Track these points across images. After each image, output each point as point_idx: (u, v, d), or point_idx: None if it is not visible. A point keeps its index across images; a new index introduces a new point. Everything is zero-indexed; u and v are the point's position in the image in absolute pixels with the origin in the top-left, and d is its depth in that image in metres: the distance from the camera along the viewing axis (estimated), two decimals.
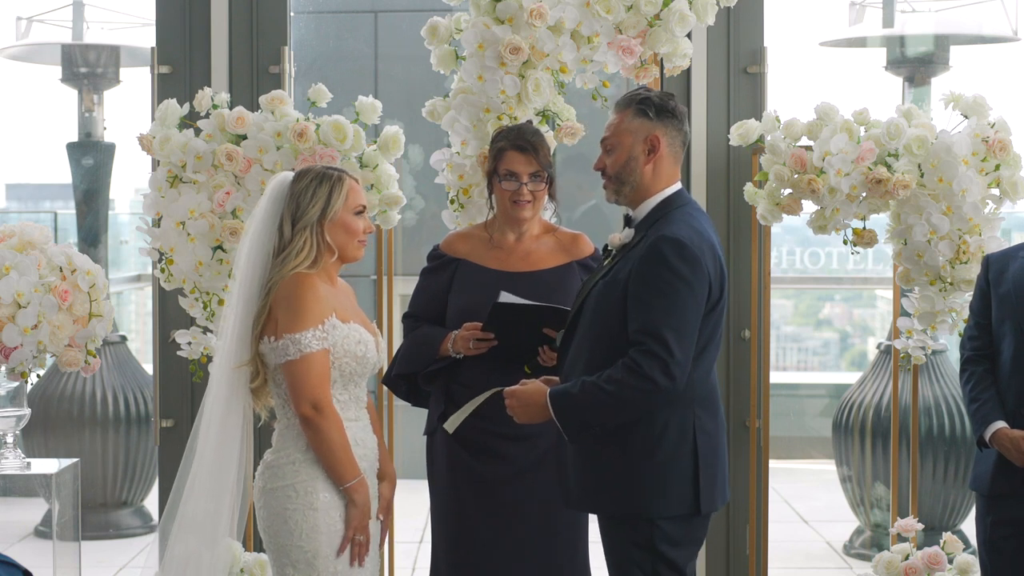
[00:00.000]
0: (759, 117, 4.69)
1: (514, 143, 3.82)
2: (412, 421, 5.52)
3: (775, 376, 5.29)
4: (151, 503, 6.76)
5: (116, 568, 6.06)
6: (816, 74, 8.09)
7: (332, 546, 3.33)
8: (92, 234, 6.86)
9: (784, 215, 4.55)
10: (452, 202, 4.35)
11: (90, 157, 6.87)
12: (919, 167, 4.38)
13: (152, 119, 4.55)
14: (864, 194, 4.43)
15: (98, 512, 6.55)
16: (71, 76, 6.86)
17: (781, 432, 7.81)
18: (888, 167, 4.38)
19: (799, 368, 10.54)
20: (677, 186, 3.33)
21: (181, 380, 5.01)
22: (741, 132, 4.62)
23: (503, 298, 3.63)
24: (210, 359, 3.74)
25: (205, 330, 4.54)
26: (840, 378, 9.66)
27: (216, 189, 4.37)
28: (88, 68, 6.84)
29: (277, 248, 3.40)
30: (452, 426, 3.60)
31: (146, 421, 6.57)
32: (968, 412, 3.92)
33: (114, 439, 6.54)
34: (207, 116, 4.41)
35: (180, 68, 5.09)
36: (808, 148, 4.44)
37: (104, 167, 6.91)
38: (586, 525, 3.88)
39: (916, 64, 6.46)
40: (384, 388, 4.35)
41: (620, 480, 3.20)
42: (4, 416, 4.41)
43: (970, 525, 4.58)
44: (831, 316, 10.65)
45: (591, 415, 3.18)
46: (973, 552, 4.48)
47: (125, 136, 6.97)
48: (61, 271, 4.31)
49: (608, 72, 4.35)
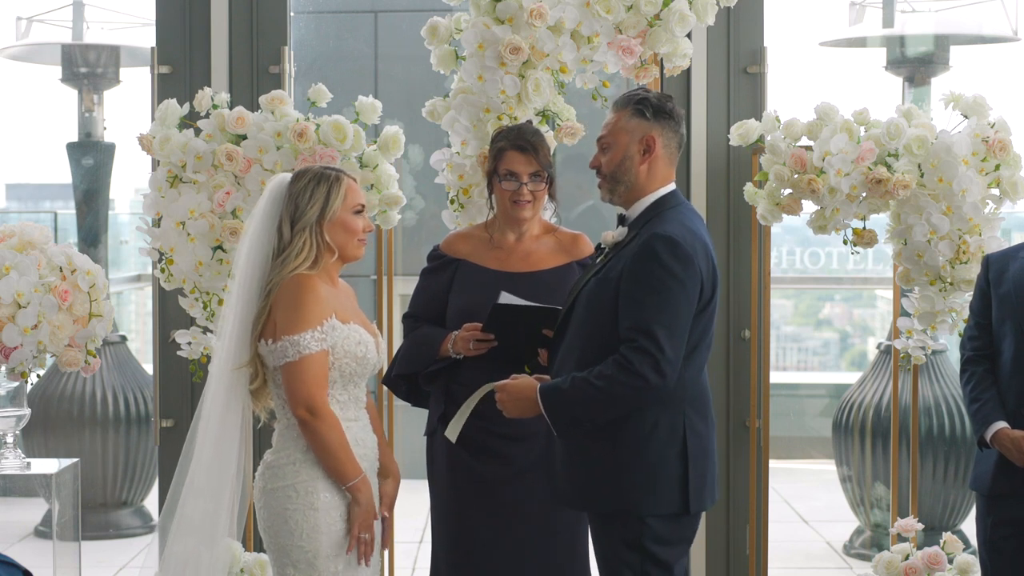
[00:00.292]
0: (759, 117, 4.69)
1: (514, 143, 3.82)
2: (412, 421, 5.51)
3: (775, 376, 5.29)
4: (151, 503, 6.76)
5: (116, 568, 6.06)
6: (816, 74, 8.09)
7: (333, 546, 3.33)
8: (92, 234, 6.86)
9: (784, 215, 4.55)
10: (452, 202, 4.35)
11: (90, 157, 6.86)
12: (919, 167, 4.38)
13: (152, 119, 4.55)
14: (864, 194, 4.43)
15: (98, 512, 6.55)
16: (71, 76, 6.86)
17: (781, 432, 7.81)
18: (888, 167, 4.38)
19: (799, 368, 10.53)
20: (671, 187, 3.34)
21: (181, 380, 5.01)
22: (741, 132, 4.62)
23: (503, 299, 3.63)
24: (210, 359, 3.74)
25: (205, 330, 4.54)
26: (840, 378, 9.65)
27: (216, 189, 4.37)
28: (88, 68, 6.84)
29: (277, 249, 3.40)
30: (453, 434, 3.59)
31: (146, 421, 6.57)
32: (968, 412, 3.92)
33: (114, 439, 6.54)
34: (207, 116, 4.41)
35: (180, 68, 5.09)
36: (808, 148, 4.44)
37: (104, 167, 6.91)
38: (586, 525, 3.87)
39: (916, 64, 6.46)
40: (384, 388, 4.35)
41: (610, 478, 3.21)
42: (4, 416, 4.41)
43: (970, 525, 4.58)
44: (831, 316, 10.64)
45: (581, 411, 3.18)
46: (973, 552, 4.48)
47: (125, 136, 6.98)
48: (61, 271, 4.31)
49: (608, 72, 4.34)
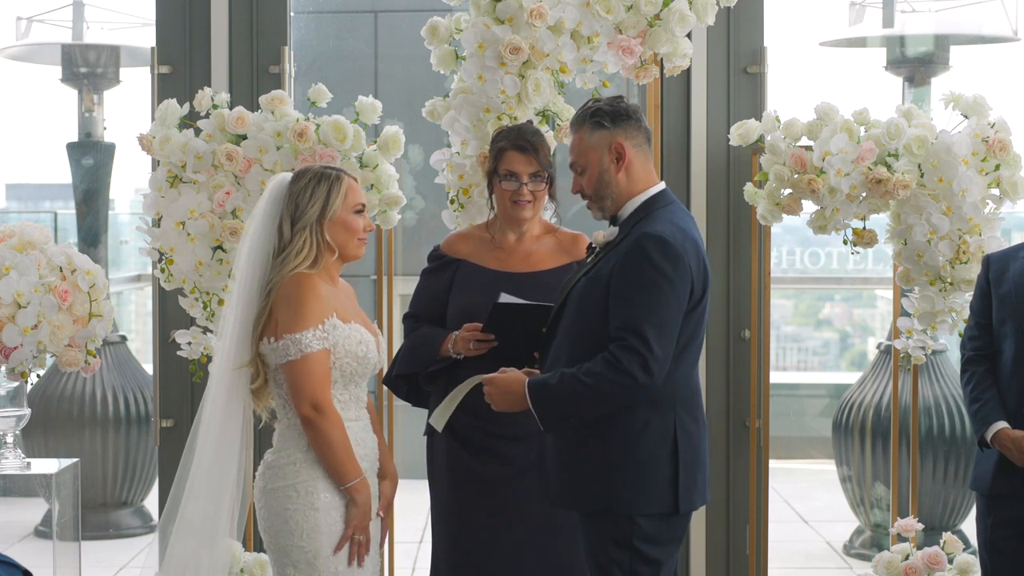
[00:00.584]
0: (759, 117, 4.69)
1: (514, 143, 3.81)
2: (412, 421, 5.52)
3: (775, 376, 5.29)
4: (151, 503, 6.76)
5: (116, 568, 6.06)
6: (816, 74, 8.10)
7: (333, 546, 3.33)
8: (92, 234, 6.86)
9: (784, 215, 4.55)
10: (452, 202, 4.35)
11: (90, 157, 6.86)
12: (919, 167, 4.37)
13: (152, 119, 4.55)
14: (864, 194, 4.43)
15: (98, 512, 6.55)
16: (71, 76, 6.86)
17: (781, 432, 7.81)
18: (888, 167, 4.38)
19: (799, 368, 10.54)
20: (661, 186, 3.33)
21: (181, 380, 5.01)
22: (741, 132, 4.62)
23: (503, 299, 3.63)
24: (210, 359, 3.74)
25: (205, 330, 4.54)
26: (840, 378, 9.66)
27: (216, 189, 4.37)
28: (88, 68, 6.84)
29: (277, 249, 3.40)
30: (440, 423, 3.59)
31: (146, 421, 6.57)
32: (969, 412, 3.92)
33: (114, 439, 6.54)
34: (207, 116, 4.41)
35: (180, 68, 5.09)
36: (808, 148, 4.44)
37: (104, 167, 6.91)
38: None
39: (916, 64, 6.46)
40: (384, 388, 4.36)
41: (600, 477, 3.21)
42: (4, 416, 4.41)
43: (970, 525, 4.58)
44: (831, 316, 10.65)
45: (568, 407, 3.18)
46: (973, 552, 4.48)
47: (125, 136, 6.98)
48: (61, 271, 4.31)
49: (608, 72, 4.34)
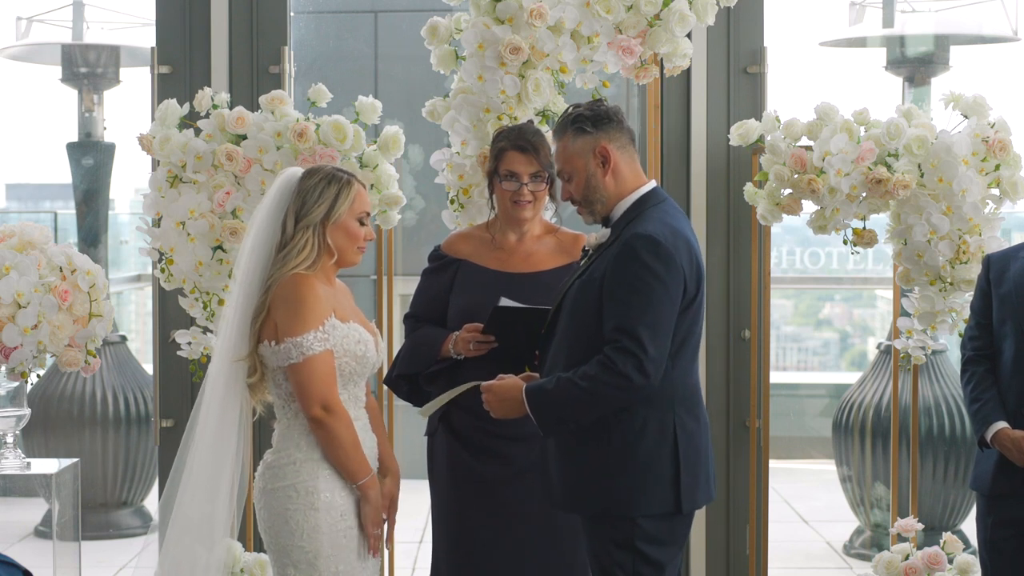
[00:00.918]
0: (759, 117, 4.69)
1: (515, 143, 3.81)
2: (412, 421, 5.51)
3: (775, 376, 5.29)
4: (151, 503, 6.76)
5: (116, 568, 6.06)
6: (816, 74, 8.09)
7: (333, 546, 3.33)
8: (92, 234, 6.86)
9: (784, 215, 4.55)
10: (452, 202, 4.35)
11: (90, 157, 6.86)
12: (919, 167, 4.38)
13: (152, 119, 4.55)
14: (864, 194, 4.43)
15: (98, 512, 6.55)
16: (71, 76, 6.85)
17: (781, 432, 7.81)
18: (888, 167, 4.38)
19: (799, 368, 10.53)
20: (651, 184, 3.33)
21: (181, 380, 5.01)
22: (741, 132, 4.62)
23: (503, 303, 3.63)
24: (210, 359, 3.74)
25: (205, 330, 4.54)
26: (840, 378, 9.65)
27: (216, 189, 4.37)
28: (88, 68, 6.84)
29: (279, 243, 3.40)
30: (427, 412, 3.61)
31: (146, 421, 6.57)
32: (969, 412, 3.92)
33: (114, 439, 6.54)
34: (207, 116, 4.41)
35: (180, 68, 5.09)
36: (808, 148, 4.44)
37: (104, 167, 6.91)
38: None
39: (916, 64, 6.46)
40: (384, 388, 4.36)
41: (601, 479, 3.21)
42: (4, 416, 4.41)
43: (970, 525, 4.58)
44: (831, 316, 10.64)
45: (566, 411, 3.19)
46: (973, 552, 4.48)
47: (125, 136, 6.98)
48: (61, 271, 4.31)
49: (608, 72, 4.34)
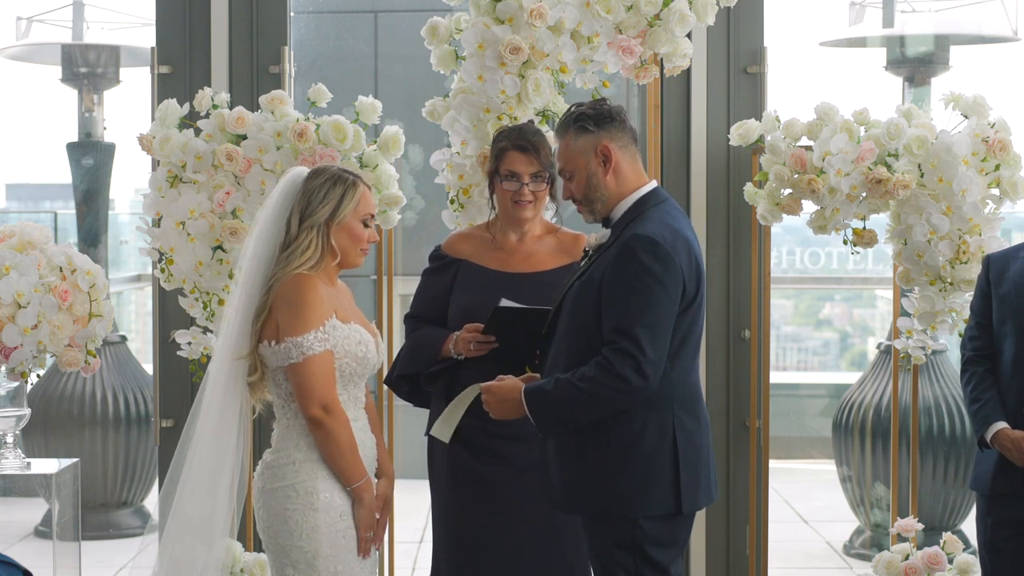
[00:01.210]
0: (759, 117, 4.69)
1: (515, 143, 3.81)
2: (412, 421, 5.51)
3: (775, 376, 5.29)
4: (151, 503, 6.76)
5: (116, 568, 6.06)
6: (816, 74, 8.09)
7: (332, 546, 3.33)
8: (92, 234, 6.86)
9: (784, 215, 4.55)
10: (452, 202, 4.35)
11: (90, 157, 6.86)
12: (919, 167, 4.38)
13: (152, 119, 4.55)
14: (864, 194, 4.43)
15: (98, 512, 6.55)
16: (71, 76, 6.85)
17: (781, 432, 7.80)
18: (888, 167, 4.38)
19: (799, 368, 10.53)
20: (652, 184, 3.33)
21: (181, 380, 5.01)
22: (741, 132, 4.62)
23: (503, 303, 3.63)
24: (210, 359, 3.74)
25: (205, 330, 4.54)
26: (840, 378, 9.65)
27: (216, 189, 4.37)
28: (88, 68, 6.83)
29: (283, 243, 3.40)
30: (444, 434, 3.59)
31: (146, 421, 6.57)
32: (969, 412, 3.92)
33: (114, 439, 6.54)
34: (207, 116, 4.41)
35: (180, 68, 5.09)
36: (808, 148, 4.44)
37: (104, 167, 6.91)
38: None
39: (916, 64, 6.46)
40: (385, 388, 4.36)
41: (601, 480, 3.21)
42: (4, 416, 4.41)
43: (970, 525, 4.58)
44: (831, 316, 10.64)
45: (565, 412, 3.18)
46: (973, 552, 4.48)
47: (125, 136, 6.98)
48: (61, 271, 4.31)
49: (608, 72, 4.34)
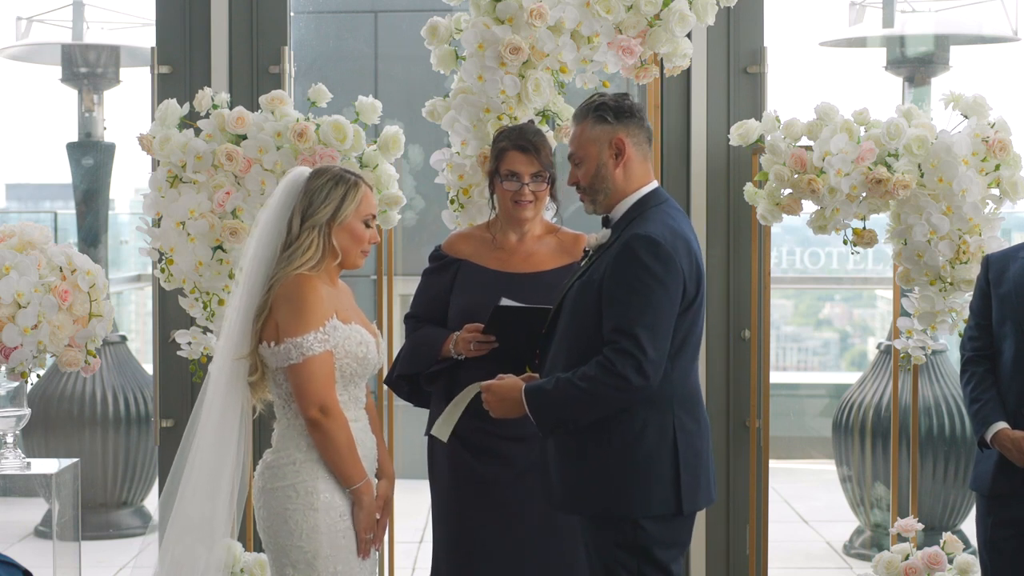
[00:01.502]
0: (759, 117, 4.69)
1: (516, 143, 3.81)
2: (412, 421, 5.51)
3: (775, 376, 5.29)
4: (151, 503, 6.76)
5: (116, 568, 6.06)
6: (816, 74, 8.09)
7: (332, 546, 3.33)
8: (92, 234, 6.86)
9: (784, 215, 4.55)
10: (452, 202, 4.35)
11: (90, 157, 6.86)
12: (919, 167, 4.38)
13: (152, 119, 4.55)
14: (864, 194, 4.43)
15: (98, 512, 6.55)
16: (71, 76, 6.85)
17: (781, 432, 7.81)
18: (888, 167, 4.38)
19: (799, 368, 10.53)
20: (653, 184, 3.33)
21: (181, 380, 5.01)
22: (741, 132, 4.62)
23: (503, 303, 3.63)
24: (210, 359, 3.74)
25: (205, 330, 4.54)
26: (840, 378, 9.65)
27: (216, 189, 4.37)
28: (88, 68, 6.83)
29: (285, 243, 3.40)
30: (444, 434, 3.59)
31: (146, 421, 6.57)
32: (969, 413, 3.91)
33: (114, 439, 6.54)
34: (207, 116, 4.41)
35: (180, 68, 5.09)
36: (808, 148, 4.44)
37: (104, 167, 6.91)
38: None
39: (916, 64, 6.46)
40: (385, 388, 4.36)
41: (602, 481, 3.20)
42: (4, 416, 4.41)
43: (970, 525, 4.58)
44: (831, 316, 10.64)
45: (565, 412, 3.18)
46: (973, 552, 4.48)
47: (125, 136, 6.98)
48: (61, 271, 4.31)
49: (608, 72, 4.34)
